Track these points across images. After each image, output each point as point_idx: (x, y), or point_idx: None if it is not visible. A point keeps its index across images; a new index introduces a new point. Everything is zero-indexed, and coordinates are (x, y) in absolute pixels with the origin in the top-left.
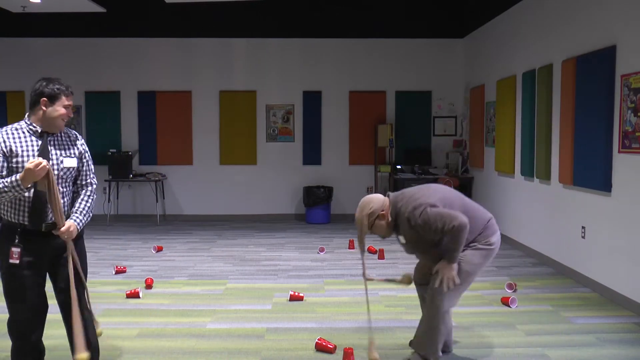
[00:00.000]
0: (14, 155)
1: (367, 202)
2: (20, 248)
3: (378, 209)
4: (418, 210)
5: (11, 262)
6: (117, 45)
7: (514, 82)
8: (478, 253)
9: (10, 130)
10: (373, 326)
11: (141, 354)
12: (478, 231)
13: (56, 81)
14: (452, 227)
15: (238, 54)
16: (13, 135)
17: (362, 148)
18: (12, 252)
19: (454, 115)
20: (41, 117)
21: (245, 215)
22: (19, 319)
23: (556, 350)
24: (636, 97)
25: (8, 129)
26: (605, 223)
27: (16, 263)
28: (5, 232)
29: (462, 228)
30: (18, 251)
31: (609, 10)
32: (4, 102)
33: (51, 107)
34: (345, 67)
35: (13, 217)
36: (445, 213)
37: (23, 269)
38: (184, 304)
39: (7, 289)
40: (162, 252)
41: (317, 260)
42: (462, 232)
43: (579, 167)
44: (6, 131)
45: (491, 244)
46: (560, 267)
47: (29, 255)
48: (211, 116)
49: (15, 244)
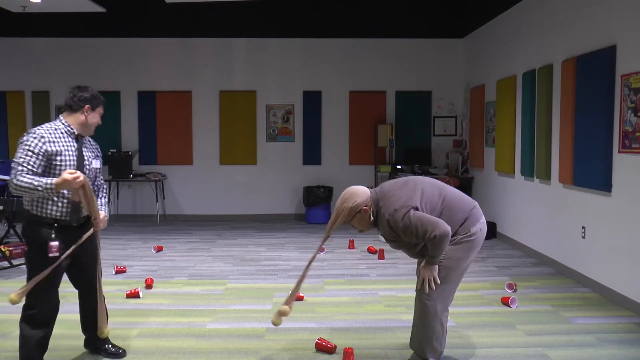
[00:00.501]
0: (56, 154)
1: (351, 194)
2: (59, 241)
3: (362, 204)
4: (399, 214)
5: (51, 255)
6: (117, 45)
7: (514, 82)
8: (459, 247)
9: (50, 129)
10: (369, 326)
11: (141, 354)
12: (459, 223)
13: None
14: (434, 237)
15: (238, 54)
16: (54, 135)
17: (362, 148)
18: (51, 246)
19: (454, 115)
20: (81, 121)
21: (245, 215)
22: (46, 307)
23: (556, 350)
24: (636, 97)
25: (50, 129)
26: (605, 223)
27: (57, 255)
28: (37, 225)
29: (443, 238)
30: (57, 245)
31: (609, 10)
32: (4, 102)
33: (91, 114)
34: (345, 67)
35: (48, 212)
36: (427, 220)
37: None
38: (184, 304)
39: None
40: (162, 252)
41: (317, 260)
42: (443, 241)
43: (579, 167)
44: (48, 130)
45: (471, 234)
46: (560, 267)
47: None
48: (211, 116)
49: (53, 238)
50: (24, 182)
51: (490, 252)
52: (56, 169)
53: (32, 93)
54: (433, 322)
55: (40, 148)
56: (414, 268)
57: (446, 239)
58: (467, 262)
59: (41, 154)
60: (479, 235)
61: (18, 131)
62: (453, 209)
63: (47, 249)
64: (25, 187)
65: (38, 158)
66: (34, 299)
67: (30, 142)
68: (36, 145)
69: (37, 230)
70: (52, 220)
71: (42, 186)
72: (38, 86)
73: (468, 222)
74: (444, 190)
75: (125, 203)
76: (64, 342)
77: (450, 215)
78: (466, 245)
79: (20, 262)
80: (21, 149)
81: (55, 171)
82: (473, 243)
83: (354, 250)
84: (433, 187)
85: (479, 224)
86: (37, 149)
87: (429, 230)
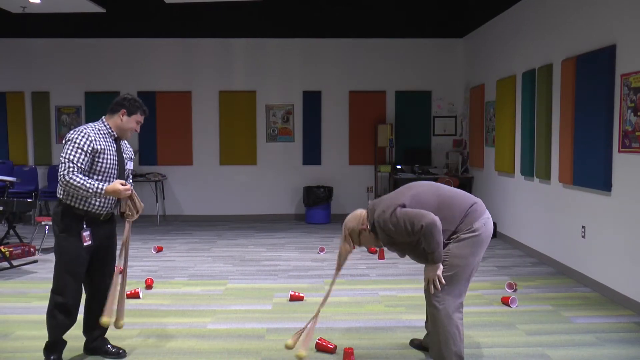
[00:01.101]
0: (99, 152)
1: (345, 224)
2: (89, 231)
3: (357, 226)
4: (386, 214)
5: (86, 245)
6: (117, 45)
7: (514, 81)
8: (463, 244)
9: (95, 129)
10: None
11: (141, 354)
12: (459, 220)
13: (138, 100)
14: (421, 228)
15: (238, 54)
16: (98, 135)
17: (362, 148)
18: (83, 236)
19: (454, 115)
20: (117, 124)
21: (245, 215)
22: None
23: (556, 350)
24: (636, 97)
25: (94, 129)
26: (605, 223)
27: (90, 244)
28: (69, 216)
29: (431, 227)
30: (88, 234)
31: (609, 10)
32: (4, 102)
33: (126, 119)
34: (345, 67)
35: (82, 205)
36: (412, 213)
37: (85, 252)
38: (184, 304)
39: (65, 270)
40: (162, 252)
41: (317, 260)
42: (432, 231)
43: (579, 166)
44: (93, 130)
45: (474, 230)
46: (560, 267)
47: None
48: (211, 116)
49: (84, 228)
50: (77, 181)
51: (490, 252)
52: (98, 165)
53: (32, 93)
54: (448, 326)
55: (88, 146)
56: (414, 268)
57: (435, 228)
58: (475, 260)
59: (89, 152)
60: (484, 231)
61: (18, 132)
62: (451, 206)
63: (81, 238)
64: (77, 186)
65: (87, 156)
66: (63, 288)
67: (79, 140)
68: (84, 143)
69: (69, 219)
70: (82, 212)
71: (92, 189)
72: (38, 86)
73: (469, 218)
74: (441, 189)
75: None
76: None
77: (448, 212)
78: (470, 242)
79: (20, 262)
80: (71, 147)
81: (97, 168)
82: (477, 239)
83: (354, 250)
84: (430, 187)
85: (482, 219)
86: (86, 147)
87: (416, 222)
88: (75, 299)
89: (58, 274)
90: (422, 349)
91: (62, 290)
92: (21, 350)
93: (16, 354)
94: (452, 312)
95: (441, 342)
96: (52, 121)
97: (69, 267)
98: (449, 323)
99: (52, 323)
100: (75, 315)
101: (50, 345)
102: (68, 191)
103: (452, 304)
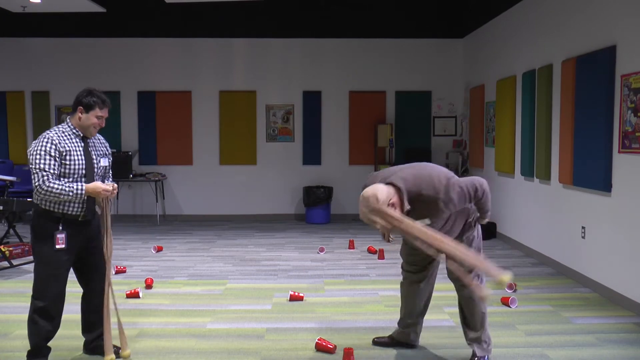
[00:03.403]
0: (65, 154)
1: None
2: (65, 234)
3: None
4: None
5: (58, 247)
6: (117, 45)
7: (514, 82)
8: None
9: (58, 132)
10: (369, 326)
11: (141, 354)
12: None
13: (95, 93)
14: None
15: (238, 54)
16: (62, 138)
17: (362, 148)
18: (57, 238)
19: (454, 115)
20: (78, 123)
21: (245, 215)
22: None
23: (556, 350)
24: (636, 97)
25: (57, 132)
26: (605, 223)
27: (63, 247)
28: (44, 220)
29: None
30: (63, 237)
31: (609, 10)
32: (4, 102)
33: (85, 116)
34: (345, 67)
35: (56, 207)
36: (467, 180)
37: (63, 254)
38: (184, 304)
39: (44, 274)
40: (162, 252)
41: (317, 260)
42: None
43: (579, 167)
44: (57, 133)
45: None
46: (560, 267)
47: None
48: (211, 116)
49: (60, 230)
50: (56, 187)
51: (490, 252)
52: (66, 167)
53: (32, 93)
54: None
55: (55, 150)
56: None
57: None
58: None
59: (57, 157)
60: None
61: (18, 131)
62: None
63: (54, 241)
64: (57, 192)
65: (56, 160)
66: (43, 292)
67: (44, 146)
68: (50, 148)
69: (44, 223)
70: (59, 214)
71: (73, 192)
72: (38, 86)
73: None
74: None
75: (125, 203)
76: (64, 342)
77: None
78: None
79: (20, 262)
80: (37, 156)
81: (65, 170)
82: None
83: (354, 250)
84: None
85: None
86: (52, 152)
87: (478, 187)
88: (56, 303)
89: (37, 279)
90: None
91: (42, 295)
92: (21, 350)
93: (16, 354)
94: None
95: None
96: (52, 121)
97: (47, 271)
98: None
99: (32, 329)
100: (57, 320)
101: (32, 352)
102: (46, 198)
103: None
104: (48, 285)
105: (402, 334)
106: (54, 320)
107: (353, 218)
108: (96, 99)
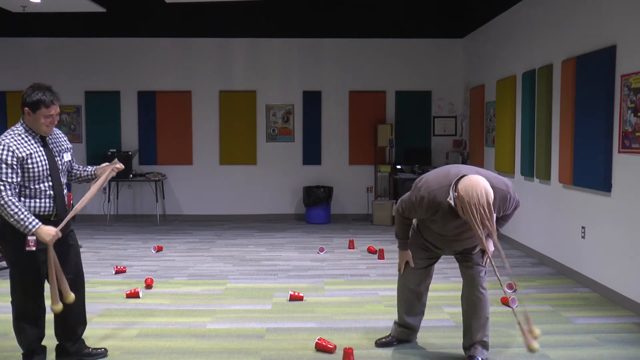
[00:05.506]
0: (25, 159)
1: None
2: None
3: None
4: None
5: (28, 249)
6: (117, 45)
7: (514, 82)
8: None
9: (14, 137)
10: (369, 326)
11: (141, 354)
12: None
13: (40, 90)
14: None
15: (238, 54)
16: (20, 142)
17: (362, 148)
18: (28, 240)
19: (453, 115)
20: (29, 124)
21: (245, 215)
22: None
23: (556, 350)
24: (636, 97)
25: (14, 136)
26: (605, 223)
27: (33, 250)
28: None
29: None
30: (34, 239)
31: (609, 10)
32: (4, 102)
33: (33, 116)
34: (345, 67)
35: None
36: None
37: (37, 255)
38: (184, 304)
39: (20, 278)
40: (162, 252)
41: (317, 260)
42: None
43: (579, 167)
44: (13, 138)
45: None
46: (560, 267)
47: (40, 242)
48: (211, 116)
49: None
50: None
51: None
52: (29, 172)
53: None
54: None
55: (12, 158)
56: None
57: None
58: None
59: (15, 165)
60: None
61: None
62: None
63: (24, 243)
64: (10, 211)
65: (14, 168)
66: (22, 297)
67: (1, 154)
68: (7, 156)
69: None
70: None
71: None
72: None
73: None
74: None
75: (125, 203)
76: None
77: None
78: None
79: None
80: None
81: (28, 175)
82: None
83: (354, 250)
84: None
85: None
86: (10, 160)
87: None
88: (37, 305)
89: (13, 284)
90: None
91: (21, 300)
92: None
93: (15, 353)
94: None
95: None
96: None
97: (23, 274)
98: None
99: (20, 336)
100: (42, 323)
101: (27, 354)
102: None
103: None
104: (25, 288)
105: (403, 332)
106: (37, 323)
107: (353, 218)
108: (40, 98)
